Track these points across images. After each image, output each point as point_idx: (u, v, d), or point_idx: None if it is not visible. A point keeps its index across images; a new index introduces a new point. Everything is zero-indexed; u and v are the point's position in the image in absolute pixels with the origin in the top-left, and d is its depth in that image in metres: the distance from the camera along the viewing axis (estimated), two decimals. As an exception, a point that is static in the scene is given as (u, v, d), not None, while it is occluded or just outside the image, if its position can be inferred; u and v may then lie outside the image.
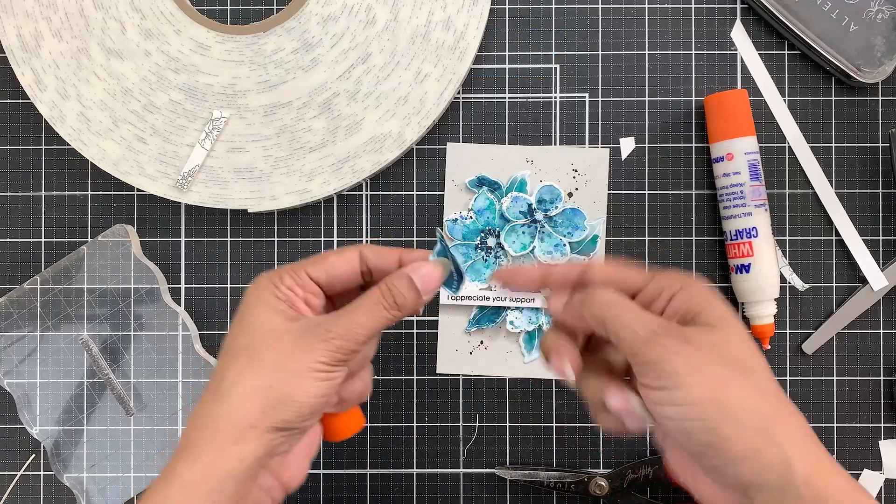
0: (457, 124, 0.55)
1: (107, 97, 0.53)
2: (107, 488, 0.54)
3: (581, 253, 0.54)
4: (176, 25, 0.53)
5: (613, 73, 0.55)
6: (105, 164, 0.53)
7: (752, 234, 0.52)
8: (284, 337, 0.37)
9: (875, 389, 0.55)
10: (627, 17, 0.55)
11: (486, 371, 0.55)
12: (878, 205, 0.55)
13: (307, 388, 0.36)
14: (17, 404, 0.54)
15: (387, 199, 0.55)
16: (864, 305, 0.54)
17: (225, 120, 0.53)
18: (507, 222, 0.54)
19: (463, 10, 0.53)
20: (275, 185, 0.53)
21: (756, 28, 0.55)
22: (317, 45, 0.53)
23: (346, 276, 0.40)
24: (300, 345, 0.37)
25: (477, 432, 0.55)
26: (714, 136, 0.53)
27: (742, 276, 0.52)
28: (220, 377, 0.37)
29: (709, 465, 0.34)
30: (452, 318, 0.55)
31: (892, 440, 0.55)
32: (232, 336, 0.38)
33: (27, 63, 0.53)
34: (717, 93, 0.53)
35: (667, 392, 0.34)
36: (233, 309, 0.55)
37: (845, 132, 0.55)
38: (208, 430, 0.36)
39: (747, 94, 0.53)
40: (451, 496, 0.55)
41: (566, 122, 0.55)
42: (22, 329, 0.54)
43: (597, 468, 0.55)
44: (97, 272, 0.54)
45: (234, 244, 0.55)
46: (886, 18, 0.52)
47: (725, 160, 0.52)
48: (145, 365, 0.54)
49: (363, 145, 0.53)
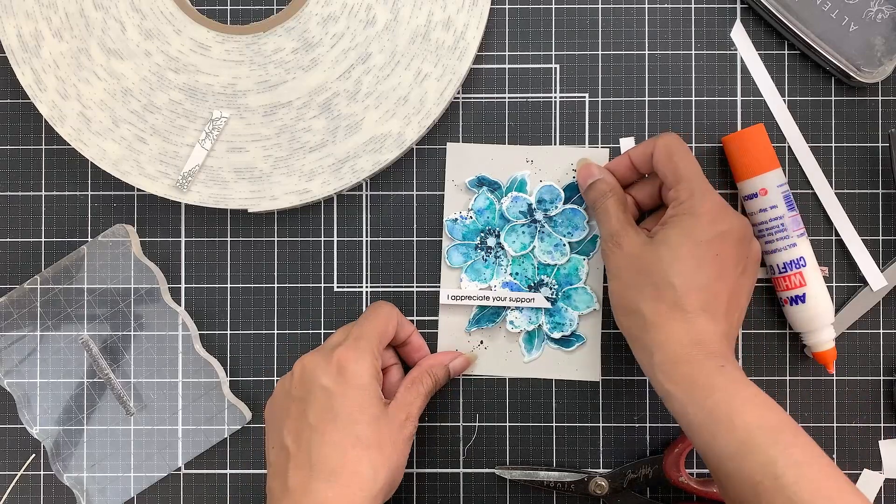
0: (457, 124, 0.55)
1: (107, 97, 0.53)
2: (107, 488, 0.54)
3: (581, 253, 0.54)
4: (176, 25, 0.53)
5: (613, 73, 0.55)
6: (105, 164, 0.53)
7: (801, 264, 0.52)
8: (387, 429, 0.47)
9: (875, 389, 0.55)
10: (627, 17, 0.55)
11: (486, 371, 0.55)
12: (877, 205, 0.55)
13: (404, 462, 0.49)
14: (17, 404, 0.54)
15: (387, 199, 0.55)
16: (864, 307, 0.54)
17: (225, 120, 0.53)
18: (507, 222, 0.54)
19: (463, 9, 0.53)
20: (275, 185, 0.53)
21: (756, 28, 0.55)
22: (317, 45, 0.53)
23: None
24: (402, 436, 0.48)
25: (477, 432, 0.55)
26: (742, 174, 0.52)
27: (798, 307, 0.52)
28: (355, 468, 0.45)
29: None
30: (452, 317, 0.55)
31: (892, 440, 0.55)
32: (353, 421, 0.46)
33: (27, 63, 0.53)
34: (736, 132, 0.52)
35: (672, 190, 0.49)
36: (233, 309, 0.55)
37: (845, 132, 0.55)
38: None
39: (764, 127, 0.52)
40: (451, 496, 0.55)
41: (566, 122, 0.55)
42: (22, 329, 0.54)
43: (597, 468, 0.55)
44: (97, 272, 0.54)
45: (234, 244, 0.55)
46: (886, 18, 0.52)
47: (760, 196, 0.52)
48: (145, 365, 0.54)
49: (363, 145, 0.53)
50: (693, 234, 0.47)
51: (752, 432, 0.42)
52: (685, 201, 0.47)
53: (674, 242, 0.47)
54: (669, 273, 0.46)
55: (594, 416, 0.55)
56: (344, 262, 0.55)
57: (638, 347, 0.48)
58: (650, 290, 0.46)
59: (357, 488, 0.45)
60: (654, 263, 0.47)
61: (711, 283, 0.46)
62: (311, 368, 0.47)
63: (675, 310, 0.46)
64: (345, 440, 0.45)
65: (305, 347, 0.55)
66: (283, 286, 0.55)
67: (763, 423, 0.43)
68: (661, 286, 0.46)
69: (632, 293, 0.47)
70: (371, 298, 0.55)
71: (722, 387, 0.44)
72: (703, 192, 0.48)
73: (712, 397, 0.44)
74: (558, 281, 0.54)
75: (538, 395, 0.55)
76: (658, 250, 0.47)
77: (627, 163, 0.52)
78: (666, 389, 0.45)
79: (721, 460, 0.43)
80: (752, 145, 0.52)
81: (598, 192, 0.51)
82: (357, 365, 0.47)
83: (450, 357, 0.53)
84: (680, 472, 0.53)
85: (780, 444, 0.42)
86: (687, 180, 0.48)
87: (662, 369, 0.45)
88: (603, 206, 0.50)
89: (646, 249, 0.47)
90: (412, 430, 0.49)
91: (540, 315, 0.54)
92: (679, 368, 0.45)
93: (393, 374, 0.53)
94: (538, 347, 0.54)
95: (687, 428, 0.45)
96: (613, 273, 0.49)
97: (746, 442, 0.42)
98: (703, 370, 0.44)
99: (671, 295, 0.46)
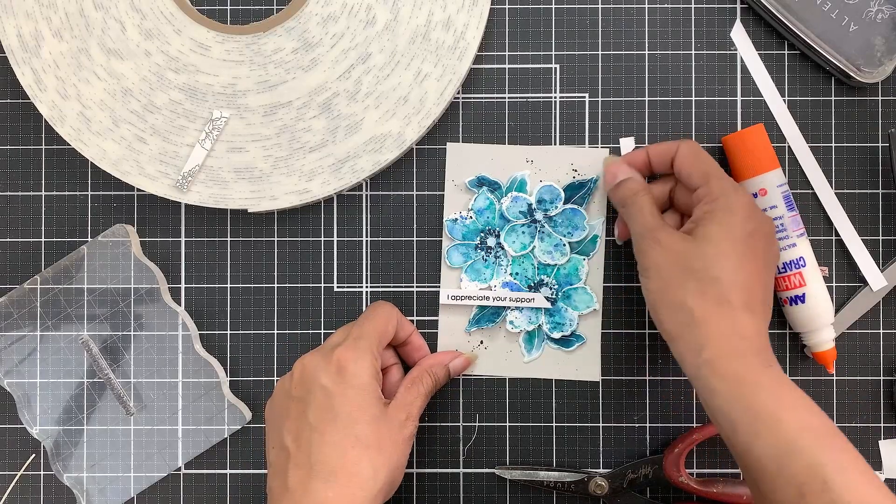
0: (457, 124, 0.55)
1: (107, 97, 0.53)
2: (107, 488, 0.54)
3: (581, 253, 0.54)
4: (176, 25, 0.53)
5: (613, 73, 0.55)
6: (105, 164, 0.53)
7: (801, 265, 0.52)
8: (387, 428, 0.48)
9: (875, 389, 0.55)
10: (627, 17, 0.55)
11: (486, 371, 0.55)
12: (877, 205, 0.55)
13: (404, 462, 0.49)
14: (17, 404, 0.54)
15: (387, 199, 0.55)
16: (864, 307, 0.54)
17: (225, 120, 0.53)
18: (507, 222, 0.54)
19: (463, 9, 0.53)
20: (275, 185, 0.53)
21: (756, 28, 0.55)
22: (317, 45, 0.53)
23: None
24: (402, 436, 0.48)
25: (477, 432, 0.55)
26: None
27: (797, 307, 0.52)
28: (355, 468, 0.45)
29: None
30: (452, 317, 0.55)
31: (892, 440, 0.55)
32: (352, 421, 0.46)
33: (27, 63, 0.53)
34: (735, 132, 0.53)
35: (701, 189, 0.49)
36: (233, 309, 0.55)
37: (845, 132, 0.55)
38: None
39: (764, 127, 0.52)
40: (451, 496, 0.55)
41: (566, 122, 0.55)
42: (22, 329, 0.54)
43: (597, 468, 0.55)
44: (97, 272, 0.54)
45: (234, 244, 0.55)
46: (886, 18, 0.52)
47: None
48: (145, 365, 0.54)
49: (363, 145, 0.53)
50: (732, 231, 0.46)
51: (799, 433, 0.42)
52: (718, 198, 0.47)
53: (715, 238, 0.46)
54: (714, 268, 0.45)
55: (594, 416, 0.55)
56: (344, 262, 0.55)
57: (682, 344, 0.46)
58: (694, 286, 0.46)
59: (357, 488, 0.45)
60: (698, 259, 0.46)
61: (750, 279, 0.46)
62: (311, 368, 0.47)
63: (721, 305, 0.45)
64: (344, 440, 0.45)
65: (305, 347, 0.55)
66: (283, 286, 0.55)
67: (809, 425, 0.42)
68: (705, 281, 0.46)
69: (675, 290, 0.46)
70: (371, 298, 0.55)
71: (768, 386, 0.44)
72: (736, 188, 0.48)
73: (758, 396, 0.43)
74: (558, 281, 0.54)
75: (538, 395, 0.55)
76: (701, 246, 0.46)
77: (645, 159, 0.51)
78: (712, 386, 0.44)
79: (762, 460, 0.42)
80: (752, 145, 0.52)
81: (628, 191, 0.50)
82: (357, 365, 0.47)
83: (450, 357, 0.53)
84: (680, 472, 0.53)
85: (828, 448, 0.42)
86: (717, 178, 0.48)
87: (711, 365, 0.44)
88: (636, 204, 0.50)
89: (687, 245, 0.47)
90: (412, 430, 0.49)
91: (540, 315, 0.54)
92: (728, 364, 0.44)
93: (393, 374, 0.53)
94: (538, 347, 0.54)
95: (728, 426, 0.44)
96: (653, 270, 0.48)
97: (792, 443, 0.42)
98: (751, 368, 0.44)
99: (716, 290, 0.45)
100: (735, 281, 0.45)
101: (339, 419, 0.46)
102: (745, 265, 0.46)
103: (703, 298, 0.46)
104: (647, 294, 0.48)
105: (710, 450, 0.55)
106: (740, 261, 0.46)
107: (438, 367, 0.52)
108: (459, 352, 0.54)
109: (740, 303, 0.45)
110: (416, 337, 0.54)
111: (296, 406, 0.47)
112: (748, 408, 0.43)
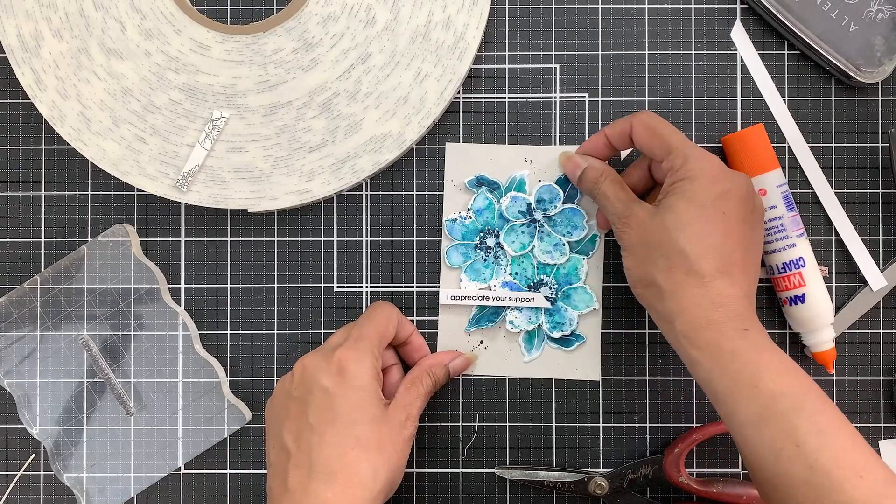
0: (456, 124, 0.55)
1: (107, 97, 0.53)
2: (107, 488, 0.54)
3: (580, 253, 0.54)
4: (176, 25, 0.53)
5: (613, 73, 0.55)
6: (105, 164, 0.53)
7: (801, 265, 0.52)
8: (387, 429, 0.48)
9: (875, 389, 0.55)
10: (627, 17, 0.55)
11: (486, 371, 0.55)
12: (877, 205, 0.55)
13: (404, 462, 0.49)
14: (17, 404, 0.54)
15: (387, 198, 0.55)
16: (864, 307, 0.54)
17: (225, 120, 0.53)
18: (507, 222, 0.54)
19: (463, 10, 0.53)
20: (275, 185, 0.53)
21: (756, 28, 0.55)
22: (317, 45, 0.53)
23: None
24: (402, 437, 0.48)
25: (477, 432, 0.55)
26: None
27: (797, 307, 0.52)
28: (354, 468, 0.45)
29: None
30: (452, 317, 0.55)
31: (892, 440, 0.55)
32: (352, 421, 0.46)
33: (27, 63, 0.53)
34: (735, 132, 0.53)
35: (665, 161, 0.48)
36: (233, 309, 0.55)
37: (845, 132, 0.55)
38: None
39: (764, 127, 0.52)
40: (451, 496, 0.55)
41: (566, 122, 0.55)
42: (22, 329, 0.54)
43: (597, 468, 0.55)
44: (97, 272, 0.54)
45: (234, 244, 0.55)
46: (886, 18, 0.52)
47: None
48: (145, 365, 0.54)
49: (363, 145, 0.53)
50: (696, 198, 0.46)
51: (774, 398, 0.42)
52: (681, 167, 0.47)
53: (678, 209, 0.46)
54: (679, 240, 0.45)
55: (594, 416, 0.55)
56: (344, 262, 0.55)
57: (658, 318, 0.47)
58: (662, 261, 0.46)
59: (357, 489, 0.45)
60: (662, 233, 0.46)
61: (723, 244, 0.45)
62: (311, 369, 0.47)
63: (690, 276, 0.45)
64: (344, 441, 0.45)
65: (305, 347, 0.55)
66: (283, 286, 0.55)
67: (786, 389, 0.42)
68: (671, 255, 0.46)
69: (645, 266, 0.47)
70: (371, 298, 0.55)
71: (744, 351, 0.44)
72: (698, 156, 0.47)
73: (734, 363, 0.43)
74: (558, 280, 0.54)
75: (538, 395, 0.55)
76: (664, 219, 0.46)
77: (604, 141, 0.51)
78: (691, 356, 0.45)
79: (742, 426, 0.43)
80: (752, 145, 0.52)
81: (590, 180, 0.51)
82: (357, 365, 0.47)
83: (450, 357, 0.53)
84: (680, 472, 0.53)
85: (804, 411, 0.42)
86: (678, 148, 0.47)
87: (686, 336, 0.45)
88: (600, 192, 0.50)
89: (653, 221, 0.47)
90: (412, 430, 0.49)
91: (540, 315, 0.54)
92: (702, 334, 0.44)
93: (393, 374, 0.53)
94: (538, 347, 0.54)
95: (713, 395, 0.45)
96: (627, 250, 0.48)
97: (768, 408, 0.42)
98: (727, 335, 0.44)
99: (684, 262, 0.45)
100: (703, 249, 0.45)
101: (340, 420, 0.46)
102: (713, 230, 0.45)
103: (670, 272, 0.46)
104: (626, 273, 0.49)
105: (710, 450, 0.55)
106: (707, 226, 0.45)
107: (438, 368, 0.52)
108: (459, 352, 0.54)
109: (712, 269, 0.45)
110: (416, 337, 0.54)
111: (296, 406, 0.47)
112: (726, 375, 0.43)
